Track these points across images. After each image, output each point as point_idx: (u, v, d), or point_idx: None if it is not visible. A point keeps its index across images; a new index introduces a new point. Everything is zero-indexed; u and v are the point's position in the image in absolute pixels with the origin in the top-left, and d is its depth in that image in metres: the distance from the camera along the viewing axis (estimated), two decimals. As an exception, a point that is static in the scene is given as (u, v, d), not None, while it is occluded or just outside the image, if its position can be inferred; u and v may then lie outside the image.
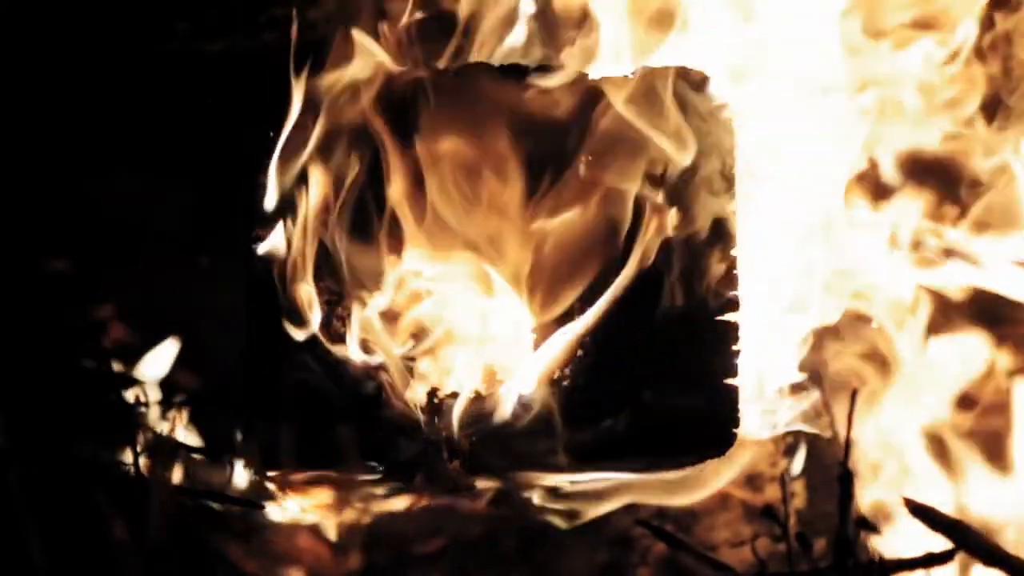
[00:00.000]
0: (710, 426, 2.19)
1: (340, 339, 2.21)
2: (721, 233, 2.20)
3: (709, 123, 2.19)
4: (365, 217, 2.25)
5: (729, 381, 2.19)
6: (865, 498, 2.41)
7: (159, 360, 2.30)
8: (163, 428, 2.26)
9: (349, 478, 2.20)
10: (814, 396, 2.47)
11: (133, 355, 2.34)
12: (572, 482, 2.22)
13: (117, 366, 2.31)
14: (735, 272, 2.20)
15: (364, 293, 2.23)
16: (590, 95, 2.20)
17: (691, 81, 2.20)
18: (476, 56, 2.28)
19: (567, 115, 2.21)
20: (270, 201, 2.21)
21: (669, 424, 2.19)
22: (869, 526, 2.17)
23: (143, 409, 2.27)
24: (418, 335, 2.25)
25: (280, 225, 2.20)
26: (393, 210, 2.24)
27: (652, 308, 2.20)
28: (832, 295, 2.46)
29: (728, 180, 2.20)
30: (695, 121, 2.19)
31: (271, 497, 2.24)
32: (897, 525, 2.39)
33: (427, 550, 2.29)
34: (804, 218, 2.38)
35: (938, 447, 2.47)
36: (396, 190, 2.23)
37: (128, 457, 2.22)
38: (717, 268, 2.20)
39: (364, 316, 2.23)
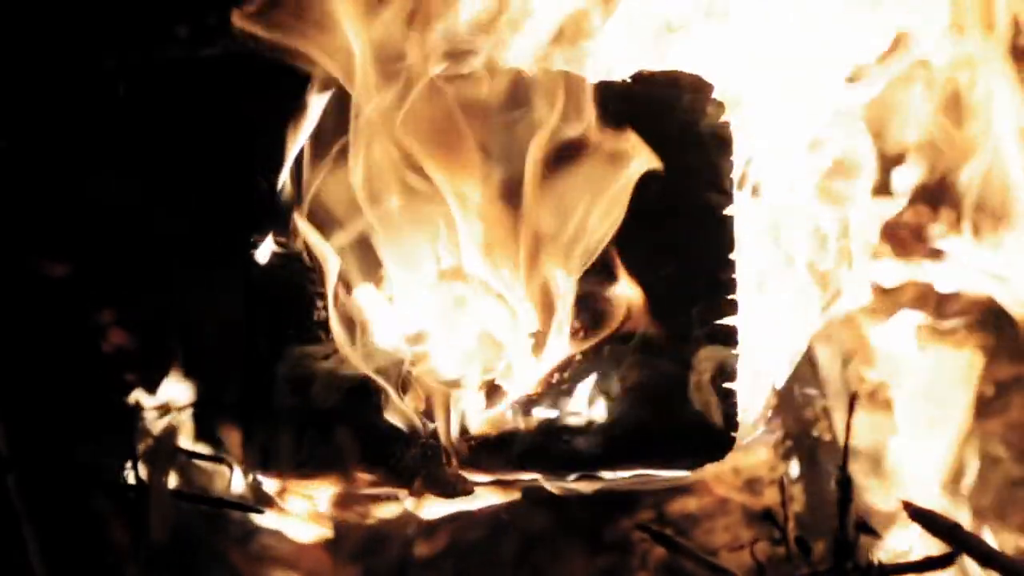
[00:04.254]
0: (708, 430, 2.18)
1: (340, 342, 2.21)
2: (719, 237, 2.20)
3: (707, 128, 2.19)
4: (366, 220, 2.25)
5: (728, 385, 2.18)
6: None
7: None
8: (162, 432, 2.26)
9: (348, 482, 2.20)
10: (813, 400, 2.48)
11: (133, 360, 2.34)
12: (571, 486, 2.23)
13: (117, 371, 2.32)
14: (734, 276, 2.19)
15: (364, 295, 2.23)
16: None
17: (688, 86, 2.20)
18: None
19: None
20: (270, 204, 2.21)
21: (668, 428, 2.19)
22: (868, 530, 2.18)
23: (142, 414, 2.27)
24: (418, 339, 2.25)
25: (278, 228, 2.20)
26: (394, 212, 2.23)
27: (651, 311, 2.20)
28: (831, 297, 2.47)
29: (726, 185, 2.20)
30: (692, 126, 2.19)
31: (270, 501, 2.24)
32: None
33: (426, 554, 2.29)
34: (800, 222, 2.38)
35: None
36: (398, 192, 2.23)
37: (127, 462, 2.22)
38: (716, 271, 2.20)
39: (364, 320, 2.23)
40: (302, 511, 2.25)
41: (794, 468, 2.45)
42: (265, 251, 2.21)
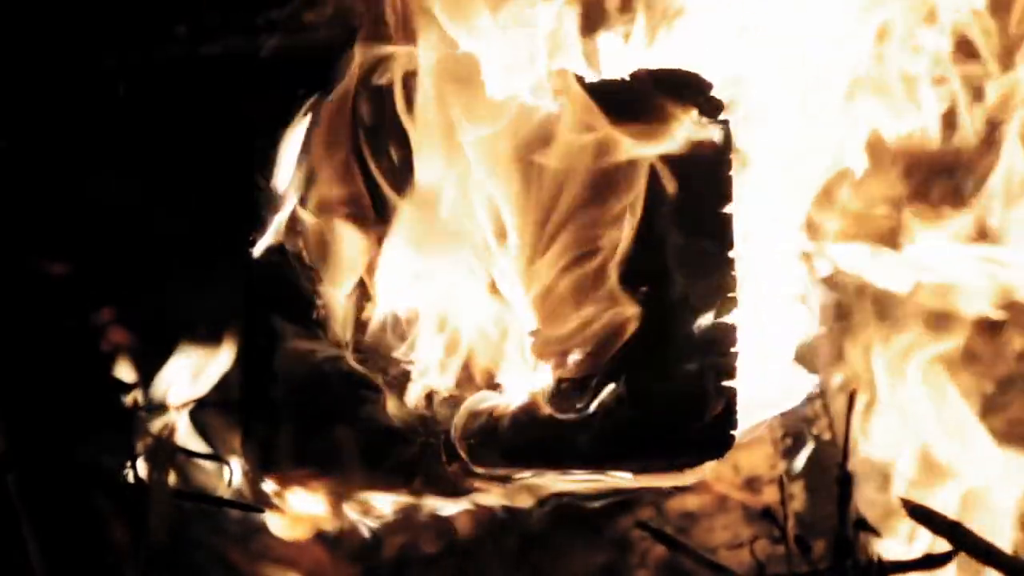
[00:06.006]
0: (708, 428, 2.18)
1: (339, 340, 2.21)
2: (719, 234, 2.20)
3: (706, 125, 2.19)
4: (365, 217, 2.25)
5: (727, 383, 2.18)
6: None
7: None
8: (162, 431, 2.26)
9: (348, 481, 2.20)
10: (813, 398, 2.48)
11: (133, 358, 2.34)
12: (570, 484, 2.23)
13: (117, 369, 2.32)
14: (733, 273, 2.19)
15: (363, 294, 2.23)
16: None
17: (688, 83, 2.20)
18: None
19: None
20: (269, 203, 2.21)
21: (667, 425, 2.19)
22: (868, 528, 2.18)
23: (142, 412, 2.27)
24: (417, 336, 2.25)
25: (277, 227, 2.20)
26: (393, 209, 2.24)
27: (650, 309, 2.20)
28: (830, 296, 2.47)
29: (725, 182, 2.19)
30: (691, 123, 2.18)
31: (269, 500, 2.24)
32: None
33: (426, 552, 2.29)
34: (801, 218, 2.39)
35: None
36: (400, 190, 2.23)
37: (127, 461, 2.22)
38: (715, 270, 2.20)
39: (362, 317, 2.23)
40: (302, 510, 2.25)
41: (794, 466, 2.45)
42: (263, 248, 2.21)
